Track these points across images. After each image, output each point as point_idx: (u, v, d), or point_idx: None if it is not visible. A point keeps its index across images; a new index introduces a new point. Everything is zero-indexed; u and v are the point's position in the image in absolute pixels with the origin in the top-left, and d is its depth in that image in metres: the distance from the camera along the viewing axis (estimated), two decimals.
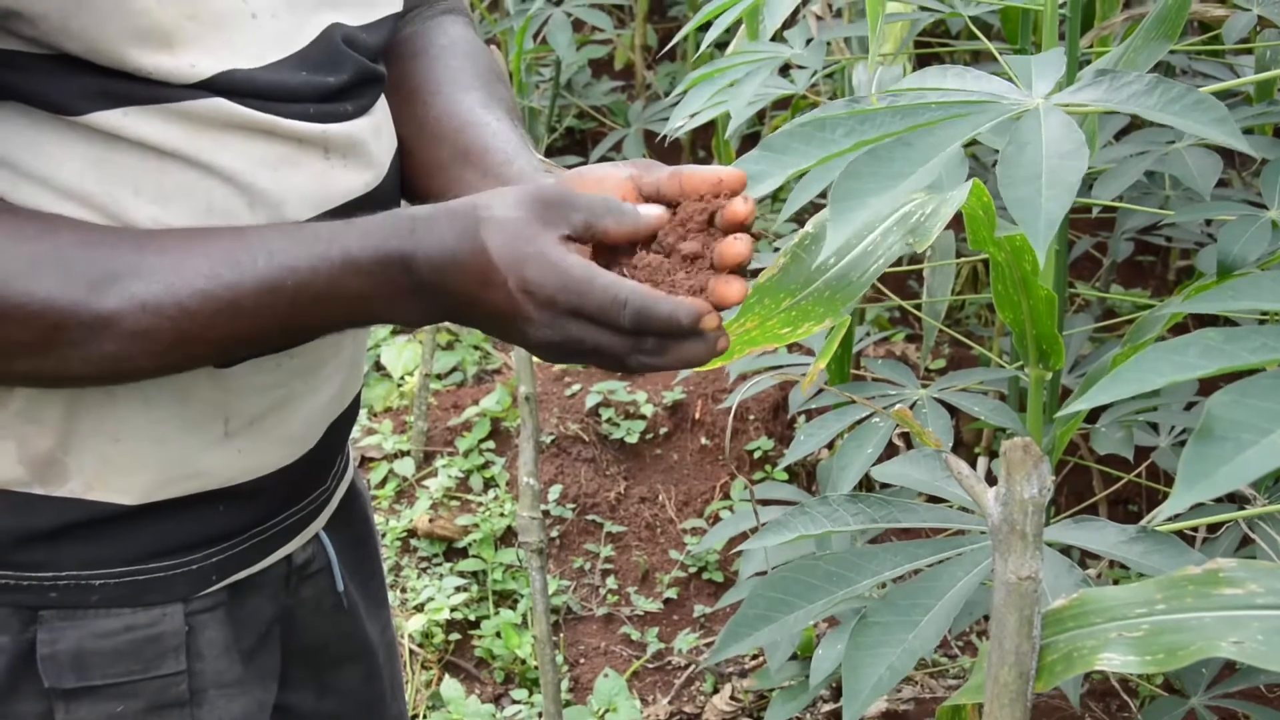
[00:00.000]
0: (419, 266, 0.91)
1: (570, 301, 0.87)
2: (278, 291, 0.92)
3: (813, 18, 2.41)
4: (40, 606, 1.03)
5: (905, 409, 1.20)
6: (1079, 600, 0.84)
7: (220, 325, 0.92)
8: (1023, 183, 0.80)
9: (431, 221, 0.92)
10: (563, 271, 0.87)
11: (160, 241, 0.93)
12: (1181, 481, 0.64)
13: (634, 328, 0.87)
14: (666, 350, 0.89)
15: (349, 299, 0.93)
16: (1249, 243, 1.41)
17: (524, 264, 0.88)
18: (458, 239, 0.90)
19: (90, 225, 0.93)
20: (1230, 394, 0.67)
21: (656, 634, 2.68)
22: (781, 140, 0.89)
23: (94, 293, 0.90)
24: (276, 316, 0.93)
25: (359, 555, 1.31)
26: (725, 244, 0.91)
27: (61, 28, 0.90)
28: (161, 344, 0.92)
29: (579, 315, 0.88)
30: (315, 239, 0.93)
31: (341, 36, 1.04)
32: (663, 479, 2.99)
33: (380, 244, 0.92)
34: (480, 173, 1.08)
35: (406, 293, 0.93)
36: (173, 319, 0.91)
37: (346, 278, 0.92)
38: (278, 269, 0.92)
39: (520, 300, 0.89)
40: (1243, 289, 0.79)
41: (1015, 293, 1.30)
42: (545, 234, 0.89)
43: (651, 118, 3.66)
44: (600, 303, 0.87)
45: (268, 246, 0.92)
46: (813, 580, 1.10)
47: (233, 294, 0.91)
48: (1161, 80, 0.85)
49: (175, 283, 0.91)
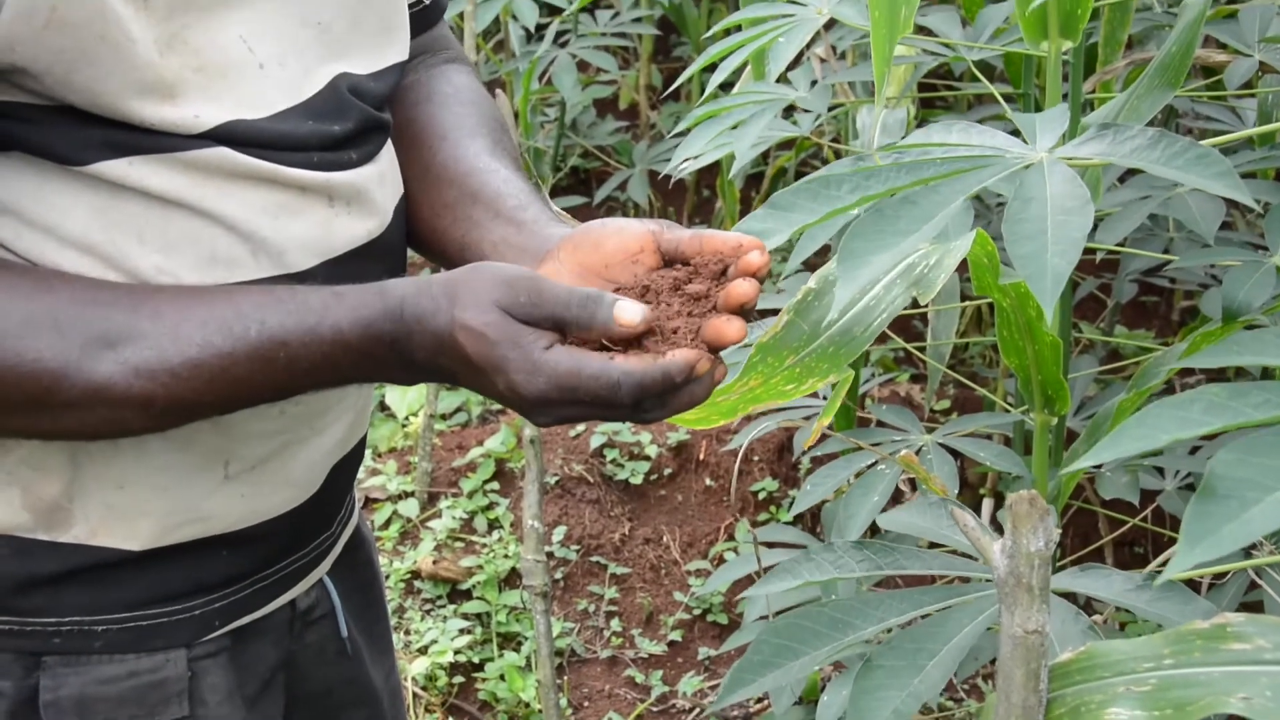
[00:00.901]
0: (408, 347, 0.93)
1: (563, 395, 0.89)
2: (271, 361, 0.93)
3: (817, 60, 2.42)
4: (43, 652, 1.03)
5: (911, 455, 1.20)
6: (1086, 654, 0.84)
7: (214, 391, 0.93)
8: (1028, 239, 0.80)
9: (418, 310, 0.92)
10: (547, 371, 0.88)
11: (155, 304, 0.93)
12: (1186, 540, 0.64)
13: (633, 402, 0.89)
14: (668, 403, 0.91)
15: (341, 370, 0.94)
16: (1253, 289, 1.41)
17: (508, 369, 0.89)
18: (438, 337, 0.91)
19: (86, 283, 0.94)
20: (1234, 452, 0.67)
21: (661, 677, 2.67)
22: (788, 198, 0.90)
23: (87, 357, 0.90)
24: (270, 384, 0.94)
25: (364, 600, 1.31)
26: (733, 285, 0.91)
27: (65, 81, 0.90)
28: (155, 408, 0.92)
29: (576, 403, 0.89)
30: (307, 311, 0.93)
31: (348, 86, 1.05)
32: (667, 520, 2.98)
33: (369, 325, 0.92)
34: (492, 213, 1.09)
35: (398, 366, 0.94)
36: (166, 385, 0.91)
37: (337, 354, 0.93)
38: (269, 341, 0.92)
39: (513, 397, 0.90)
40: (1246, 344, 0.79)
41: (1020, 338, 1.30)
42: (523, 337, 0.89)
43: (656, 158, 3.67)
44: (593, 391, 0.88)
45: (260, 316, 0.92)
46: (818, 626, 1.09)
47: (226, 362, 0.92)
48: (1165, 134, 0.86)
49: (169, 350, 0.91)
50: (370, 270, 1.07)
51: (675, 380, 0.88)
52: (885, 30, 1.25)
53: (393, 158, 1.13)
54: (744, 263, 0.93)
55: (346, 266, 1.04)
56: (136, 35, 0.90)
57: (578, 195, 3.91)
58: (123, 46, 0.90)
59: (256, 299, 0.94)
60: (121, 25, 0.89)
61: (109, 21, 0.89)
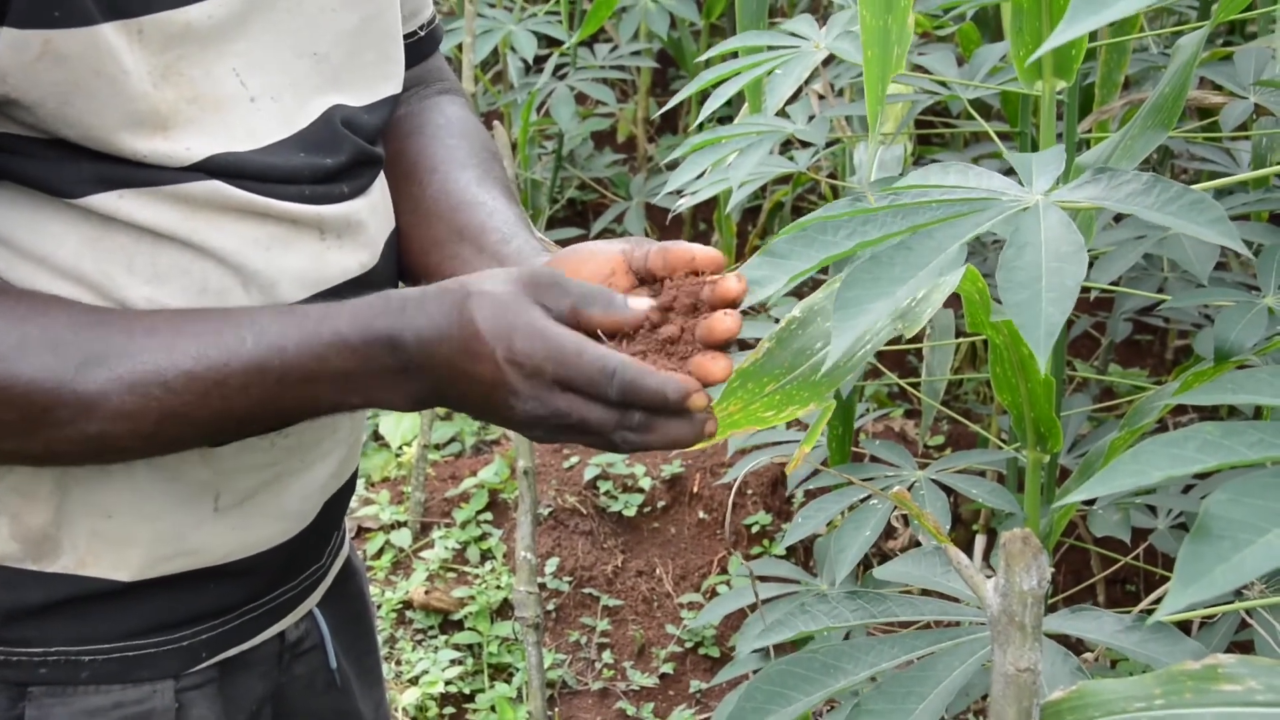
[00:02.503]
0: (407, 343, 0.91)
1: (557, 371, 0.87)
2: (265, 371, 0.92)
3: (814, 95, 2.44)
4: (29, 683, 1.03)
5: (903, 491, 1.20)
6: (1077, 693, 0.84)
7: (207, 406, 0.92)
8: (1022, 286, 0.80)
9: (422, 300, 0.92)
10: (550, 340, 0.87)
11: (149, 322, 0.93)
12: (1179, 580, 0.64)
13: (621, 399, 0.87)
14: (653, 428, 0.88)
15: (336, 379, 0.93)
16: (1245, 329, 1.41)
17: (512, 334, 0.88)
18: (446, 314, 0.90)
19: (82, 306, 0.94)
20: (1228, 492, 0.67)
21: (652, 709, 2.66)
22: (784, 246, 0.90)
23: (80, 374, 0.90)
24: (263, 397, 0.93)
25: (354, 632, 1.30)
26: (715, 318, 0.90)
27: (58, 114, 0.90)
28: (148, 424, 0.92)
29: (567, 386, 0.87)
30: (305, 318, 0.93)
31: (341, 119, 1.05)
32: (660, 553, 2.97)
33: (369, 322, 0.92)
34: (477, 249, 1.09)
35: (393, 372, 0.92)
36: (159, 399, 0.91)
37: (334, 356, 0.92)
38: (265, 349, 0.92)
39: (507, 371, 0.88)
40: (1241, 383, 0.79)
41: (1013, 376, 1.31)
42: (534, 309, 0.89)
43: (653, 190, 3.68)
44: (588, 373, 0.86)
45: (257, 326, 0.92)
46: (810, 673, 1.09)
47: (219, 374, 0.91)
48: (1159, 179, 0.86)
49: (162, 364, 0.91)
50: None
51: (668, 397, 0.87)
52: (878, 69, 1.26)
53: (385, 190, 1.13)
54: (722, 290, 0.92)
55: (338, 299, 1.04)
56: (130, 67, 0.90)
57: (574, 227, 3.92)
58: (117, 79, 0.90)
59: (254, 313, 0.94)
60: (115, 57, 0.90)
61: (102, 53, 0.89)
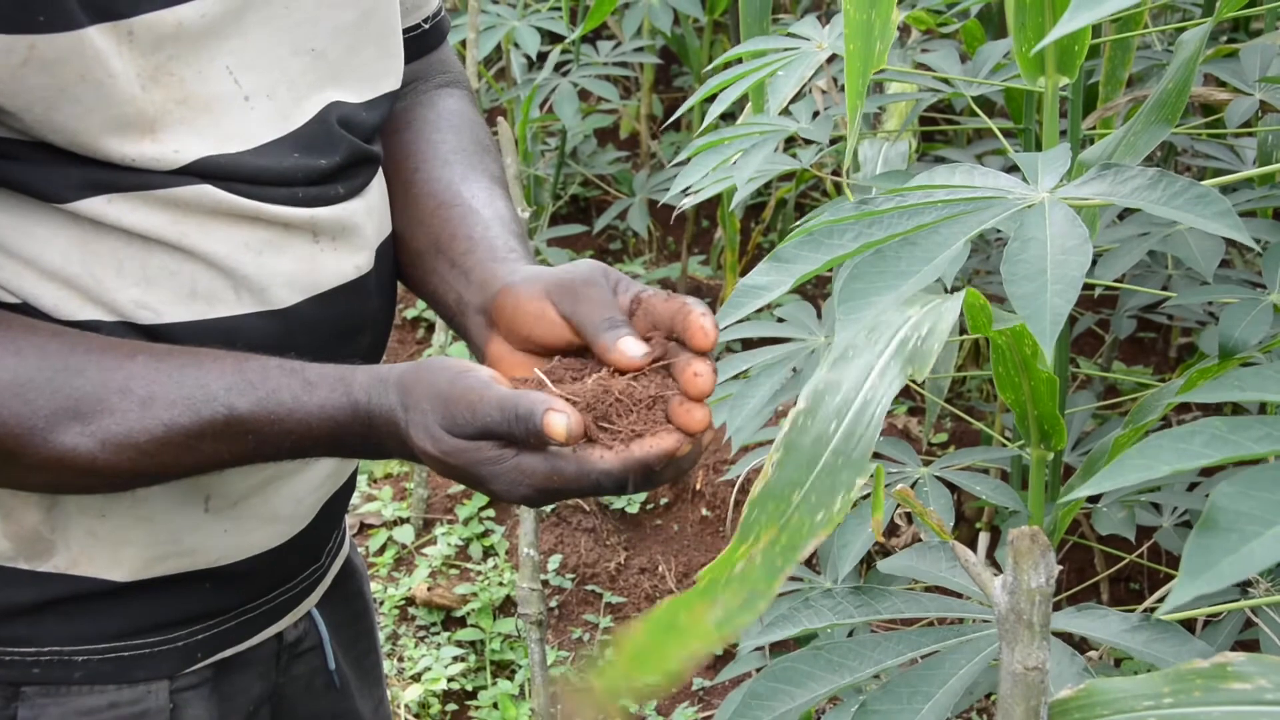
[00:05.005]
0: (382, 446, 0.92)
1: (549, 494, 0.88)
2: (239, 440, 0.92)
3: (818, 92, 2.43)
4: (22, 683, 1.02)
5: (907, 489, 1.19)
6: (1086, 691, 0.83)
7: (181, 465, 0.93)
8: (1027, 279, 0.80)
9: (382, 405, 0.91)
10: (526, 480, 0.87)
11: (125, 376, 0.91)
12: (1185, 573, 0.63)
13: (618, 489, 0.88)
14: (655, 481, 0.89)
15: (314, 453, 0.95)
16: (1250, 326, 1.41)
17: (486, 482, 0.88)
18: (405, 445, 0.90)
19: (57, 346, 0.91)
20: (1235, 485, 0.66)
21: (655, 707, 2.65)
22: (791, 251, 0.90)
23: (52, 427, 0.89)
24: (236, 459, 0.94)
25: (353, 632, 1.29)
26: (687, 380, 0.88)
27: (44, 120, 0.89)
28: (121, 478, 0.93)
29: (564, 495, 0.88)
30: (276, 403, 0.92)
31: (338, 117, 1.03)
32: (663, 550, 2.97)
33: (337, 425, 0.92)
34: (449, 264, 1.07)
35: (374, 451, 0.94)
36: (132, 459, 0.91)
37: (306, 444, 0.93)
38: (238, 427, 0.92)
39: (503, 499, 0.90)
40: (1246, 379, 0.79)
41: (1016, 375, 1.30)
42: (481, 450, 0.87)
43: (656, 187, 3.67)
44: (578, 489, 0.87)
45: (229, 401, 0.91)
46: (814, 669, 1.09)
47: (192, 442, 0.92)
48: (1165, 174, 0.86)
49: (135, 427, 0.90)
50: (358, 306, 1.06)
51: (655, 469, 0.87)
52: (860, 63, 1.26)
53: (383, 192, 1.11)
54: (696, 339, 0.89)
55: (333, 303, 1.03)
56: (118, 70, 0.89)
57: (577, 224, 3.92)
58: (103, 83, 0.89)
59: (229, 379, 0.92)
60: (102, 60, 0.88)
61: (88, 58, 0.88)
